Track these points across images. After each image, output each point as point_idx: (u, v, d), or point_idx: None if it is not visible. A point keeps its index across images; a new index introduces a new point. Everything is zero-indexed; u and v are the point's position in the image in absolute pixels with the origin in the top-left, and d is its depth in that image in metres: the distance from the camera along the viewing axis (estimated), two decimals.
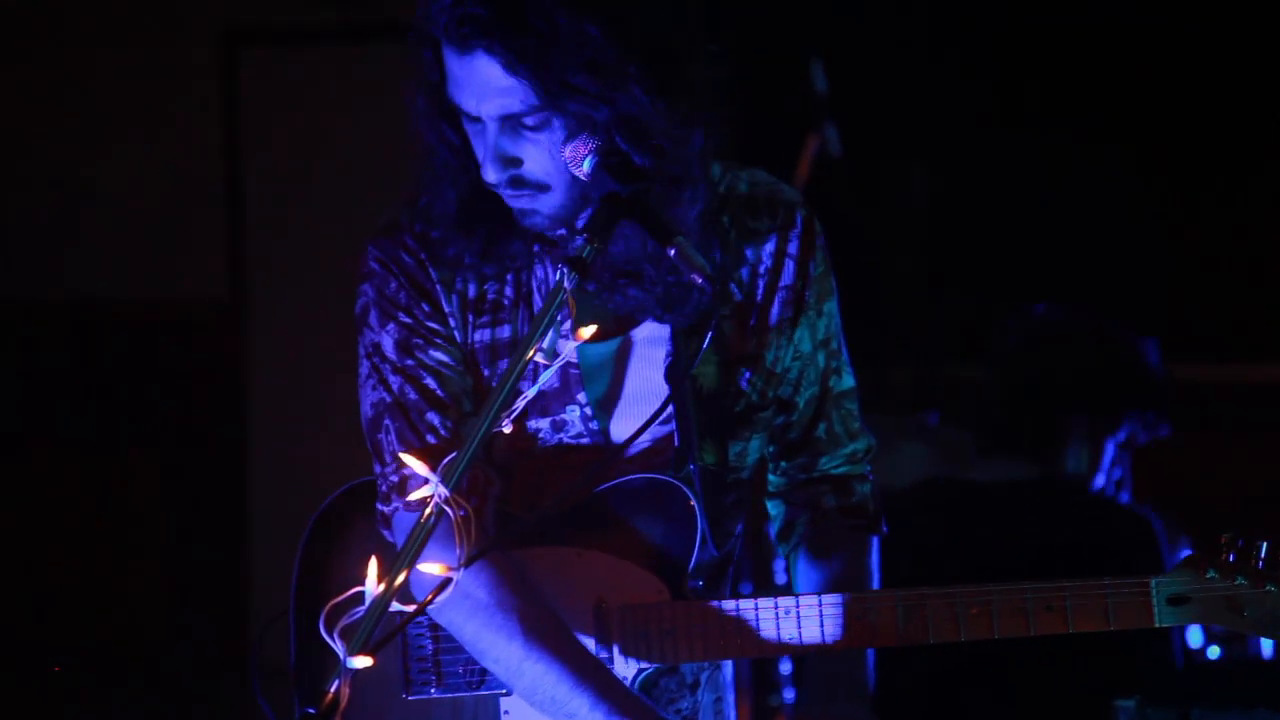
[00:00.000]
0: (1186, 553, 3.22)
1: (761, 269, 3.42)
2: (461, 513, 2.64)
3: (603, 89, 3.09)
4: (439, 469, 2.66)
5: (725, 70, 3.27)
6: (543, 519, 3.30)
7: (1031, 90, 6.90)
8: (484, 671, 3.32)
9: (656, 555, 3.32)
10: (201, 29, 7.48)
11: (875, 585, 3.50)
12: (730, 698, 3.58)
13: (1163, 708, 3.89)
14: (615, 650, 3.29)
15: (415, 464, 2.67)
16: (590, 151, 3.05)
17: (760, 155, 3.47)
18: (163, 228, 7.51)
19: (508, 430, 2.77)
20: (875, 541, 3.55)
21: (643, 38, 3.13)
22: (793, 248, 3.44)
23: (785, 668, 5.51)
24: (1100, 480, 5.03)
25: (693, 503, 3.32)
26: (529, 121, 3.13)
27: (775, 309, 3.44)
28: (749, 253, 3.41)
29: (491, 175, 3.16)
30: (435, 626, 3.35)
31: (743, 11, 3.31)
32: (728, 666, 3.54)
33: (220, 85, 7.49)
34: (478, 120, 3.17)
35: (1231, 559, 3.15)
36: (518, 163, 3.16)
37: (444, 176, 3.28)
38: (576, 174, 3.08)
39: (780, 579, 5.24)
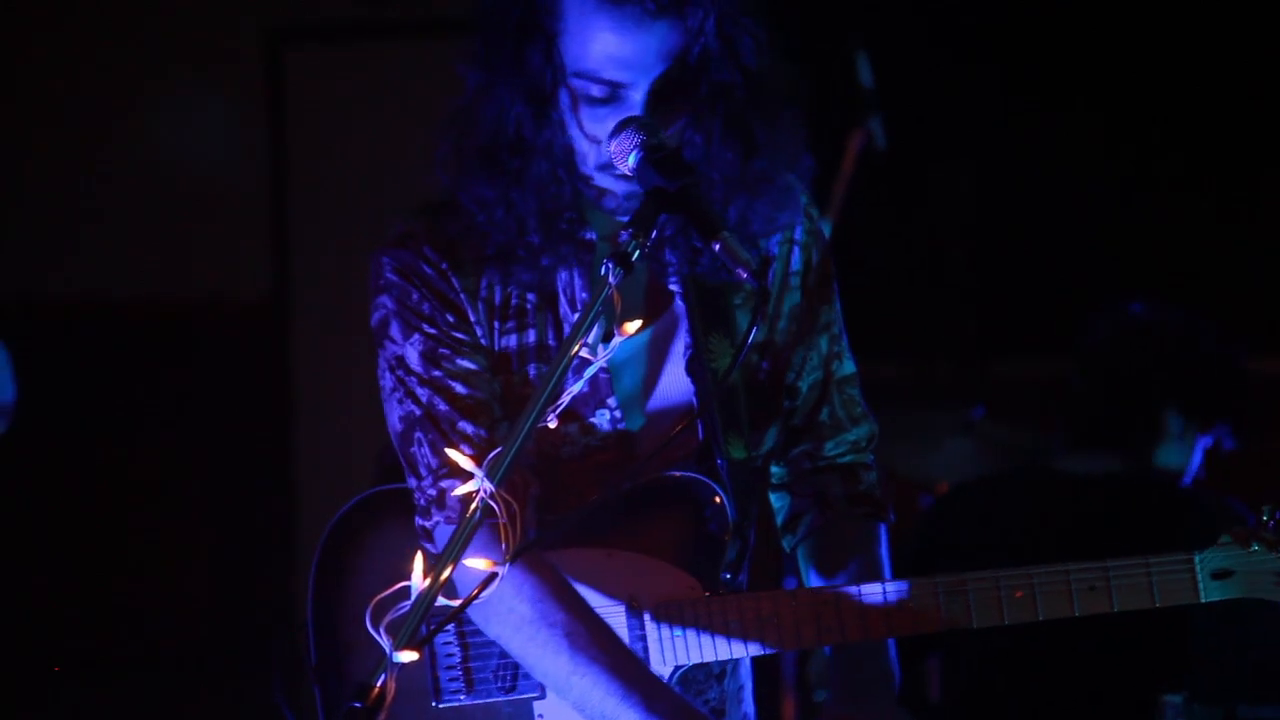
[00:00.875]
0: (1251, 524, 3.20)
1: (771, 257, 3.42)
2: (505, 511, 2.64)
3: (750, 64, 3.18)
4: (484, 465, 2.66)
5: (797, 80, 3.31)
6: (576, 520, 3.29)
7: (1078, 84, 6.88)
8: (516, 675, 3.31)
9: (688, 551, 3.31)
10: (247, 27, 7.51)
11: (887, 574, 3.47)
12: (750, 686, 3.57)
13: (1210, 704, 3.87)
14: (651, 648, 3.28)
15: (460, 459, 2.67)
16: (636, 146, 3.03)
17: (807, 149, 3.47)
18: (207, 225, 7.54)
19: (553, 425, 2.76)
20: (883, 530, 3.53)
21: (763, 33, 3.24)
22: (798, 234, 3.45)
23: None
24: (1187, 481, 5.01)
25: (722, 498, 3.31)
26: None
27: (786, 299, 3.44)
28: (760, 241, 3.41)
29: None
30: (463, 633, 3.33)
31: (787, 4, 3.29)
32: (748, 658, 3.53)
33: (265, 83, 7.52)
34: (612, 100, 3.14)
35: (1272, 530, 3.15)
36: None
37: (550, 173, 3.22)
38: (622, 169, 3.07)
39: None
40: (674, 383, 3.40)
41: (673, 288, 3.36)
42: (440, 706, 3.34)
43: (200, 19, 7.49)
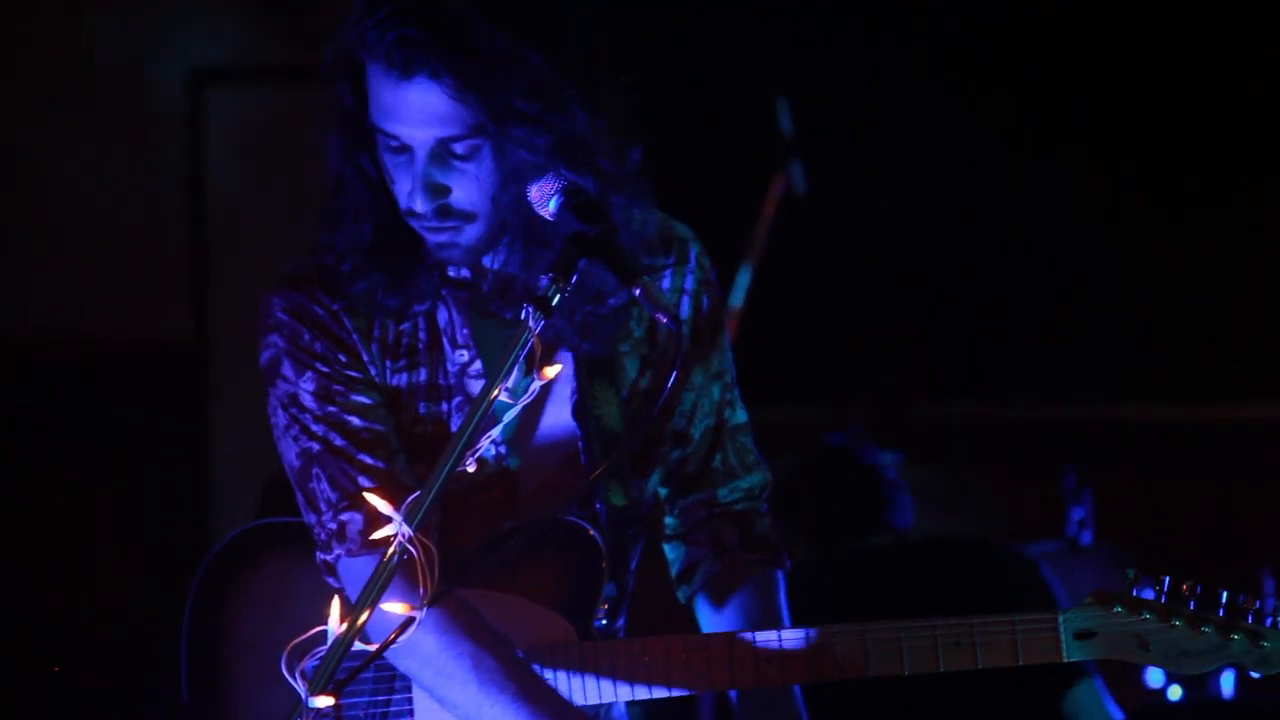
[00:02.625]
0: (1147, 592, 3.23)
1: None
2: (422, 552, 2.63)
3: (543, 111, 3.13)
4: (402, 508, 2.66)
5: (648, 98, 3.30)
6: (454, 561, 3.28)
7: (1002, 128, 6.93)
8: (386, 714, 3.31)
9: (563, 596, 3.32)
10: (169, 66, 7.47)
11: (785, 620, 3.49)
12: None
13: None
14: None
15: (376, 500, 2.66)
16: (556, 191, 3.04)
17: (726, 194, 3.49)
18: (126, 265, 7.48)
19: (471, 469, 2.76)
20: (781, 576, 3.55)
21: (578, 61, 3.17)
22: (688, 283, 3.47)
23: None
24: (1072, 530, 5.09)
25: (599, 543, 3.32)
26: (459, 149, 3.15)
27: (673, 344, 3.46)
28: None
29: (420, 204, 3.17)
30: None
31: (708, 52, 3.31)
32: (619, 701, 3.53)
33: (186, 123, 7.48)
34: (404, 150, 3.18)
35: (1135, 594, 3.19)
36: (446, 191, 3.18)
37: (359, 209, 3.28)
38: (542, 214, 3.07)
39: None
40: (556, 425, 3.42)
41: (562, 333, 3.38)
42: None
43: (121, 57, 7.45)
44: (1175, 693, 4.90)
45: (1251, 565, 5.62)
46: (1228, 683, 4.91)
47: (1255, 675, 3.15)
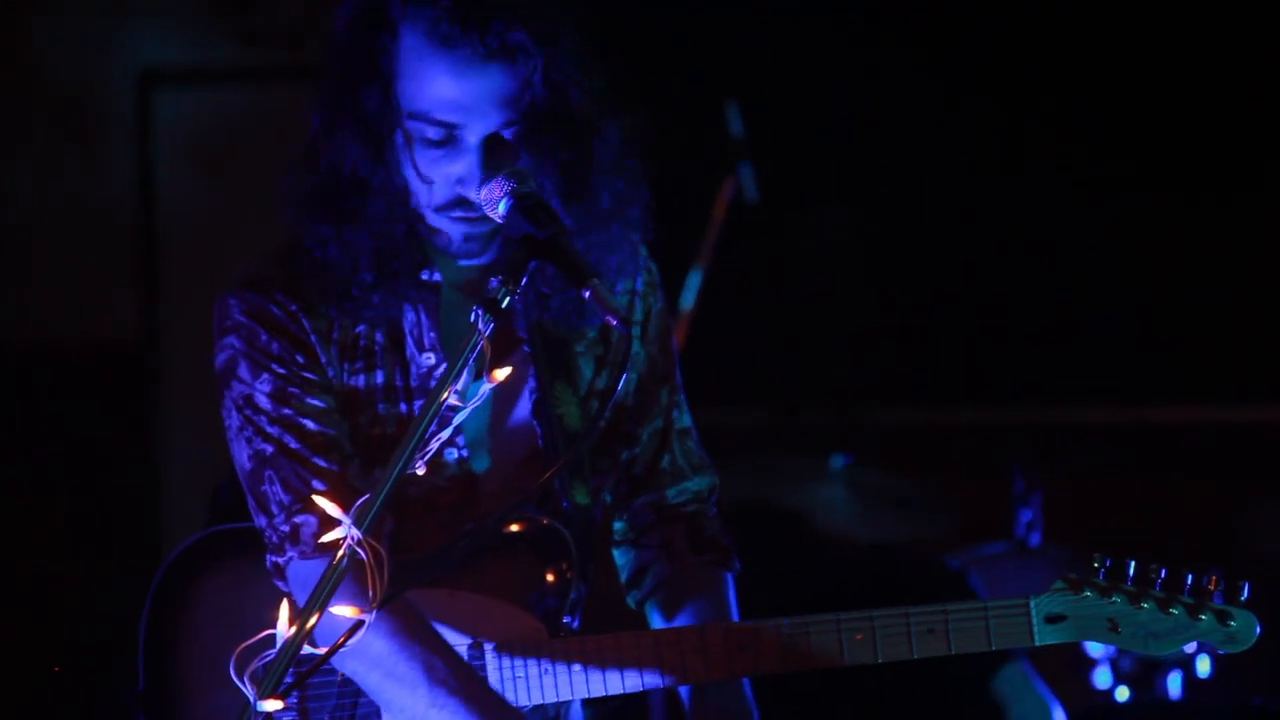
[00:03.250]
0: (1082, 572, 3.27)
1: None
2: (372, 555, 2.63)
3: (584, 110, 3.21)
4: (351, 511, 2.65)
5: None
6: (420, 561, 3.29)
7: (949, 131, 6.95)
8: (352, 717, 3.31)
9: (532, 594, 3.33)
10: (118, 67, 7.43)
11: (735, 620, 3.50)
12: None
13: None
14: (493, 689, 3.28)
15: (328, 506, 2.66)
16: (506, 194, 3.05)
17: (676, 198, 3.50)
18: (76, 267, 7.45)
19: (421, 472, 2.76)
20: (730, 578, 3.56)
21: (605, 68, 3.27)
22: (638, 284, 3.50)
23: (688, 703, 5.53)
24: (1020, 531, 5.13)
25: (569, 541, 3.33)
26: (508, 136, 3.18)
27: (624, 345, 3.48)
28: None
29: (474, 192, 3.16)
30: (301, 674, 3.32)
31: (658, 54, 3.32)
32: (576, 701, 3.54)
33: (134, 124, 7.45)
34: (446, 142, 3.17)
35: (1102, 578, 3.21)
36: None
37: (387, 212, 3.24)
38: (492, 215, 3.08)
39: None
40: (519, 427, 3.42)
41: (520, 334, 3.39)
42: None
43: (69, 57, 7.41)
44: (1123, 694, 4.93)
45: (1198, 566, 5.65)
46: (1175, 684, 4.94)
47: (1222, 652, 3.20)
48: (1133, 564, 3.23)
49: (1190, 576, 3.22)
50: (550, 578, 3.35)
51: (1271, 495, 6.07)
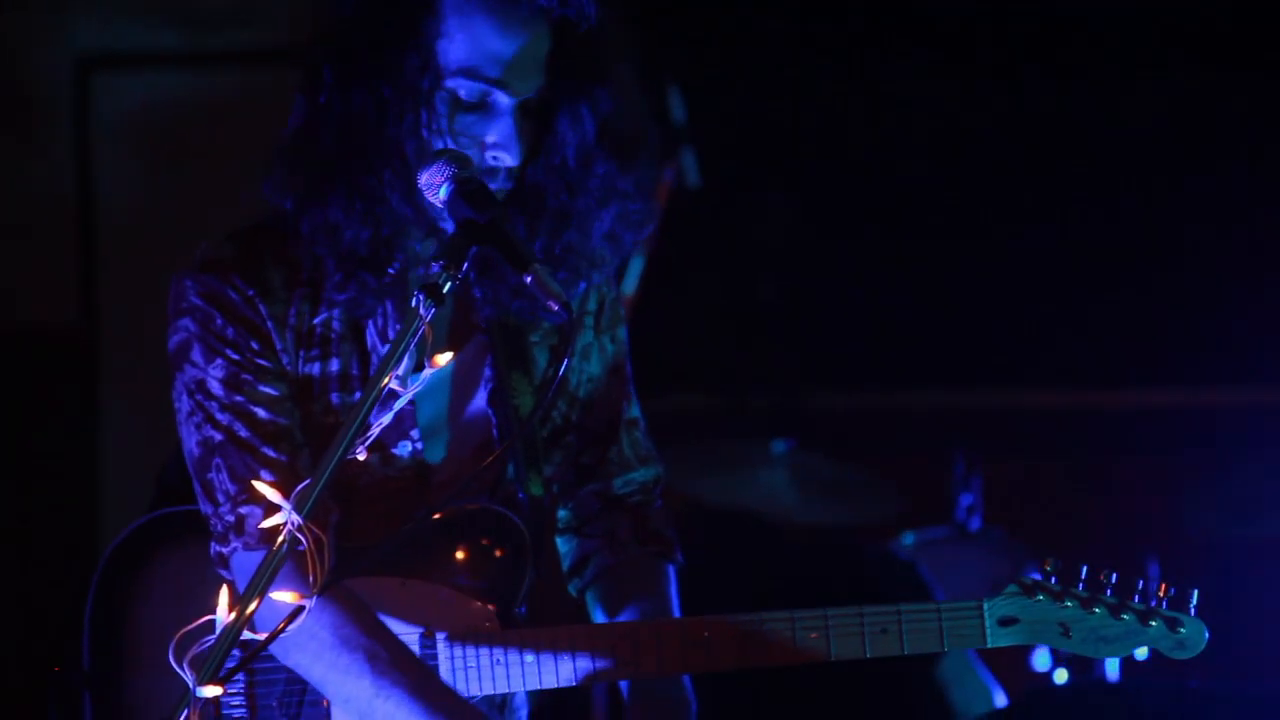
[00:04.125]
0: (1034, 575, 3.29)
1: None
2: (313, 542, 2.62)
3: (600, 88, 3.23)
4: (291, 497, 2.64)
5: None
6: (372, 549, 3.28)
7: (894, 117, 6.97)
8: (301, 704, 3.30)
9: (485, 583, 3.32)
10: (56, 51, 7.39)
11: (676, 614, 3.51)
12: (525, 715, 3.58)
13: None
14: (444, 679, 3.28)
15: (268, 492, 2.65)
16: (447, 179, 3.04)
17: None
18: (13, 253, 7.40)
19: (362, 458, 2.76)
20: (673, 570, 3.57)
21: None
22: (594, 275, 3.48)
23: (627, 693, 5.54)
24: (961, 515, 5.16)
25: (523, 531, 3.33)
26: (536, 102, 3.19)
27: (579, 337, 3.48)
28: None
29: (514, 157, 3.16)
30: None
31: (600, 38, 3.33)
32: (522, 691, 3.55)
33: (72, 109, 7.40)
34: (480, 107, 3.16)
35: (1055, 582, 3.26)
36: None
37: (409, 184, 3.17)
38: (433, 200, 3.07)
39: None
40: (475, 416, 3.42)
41: (478, 322, 3.38)
42: None
43: (6, 41, 7.36)
44: (1061, 676, 4.96)
45: (1137, 547, 5.70)
46: (1113, 667, 4.97)
47: (1172, 657, 3.23)
48: (1085, 569, 3.26)
49: (1141, 583, 3.26)
50: (503, 568, 3.34)
51: (1205, 475, 6.11)
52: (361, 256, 3.24)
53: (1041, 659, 5.09)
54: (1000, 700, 5.26)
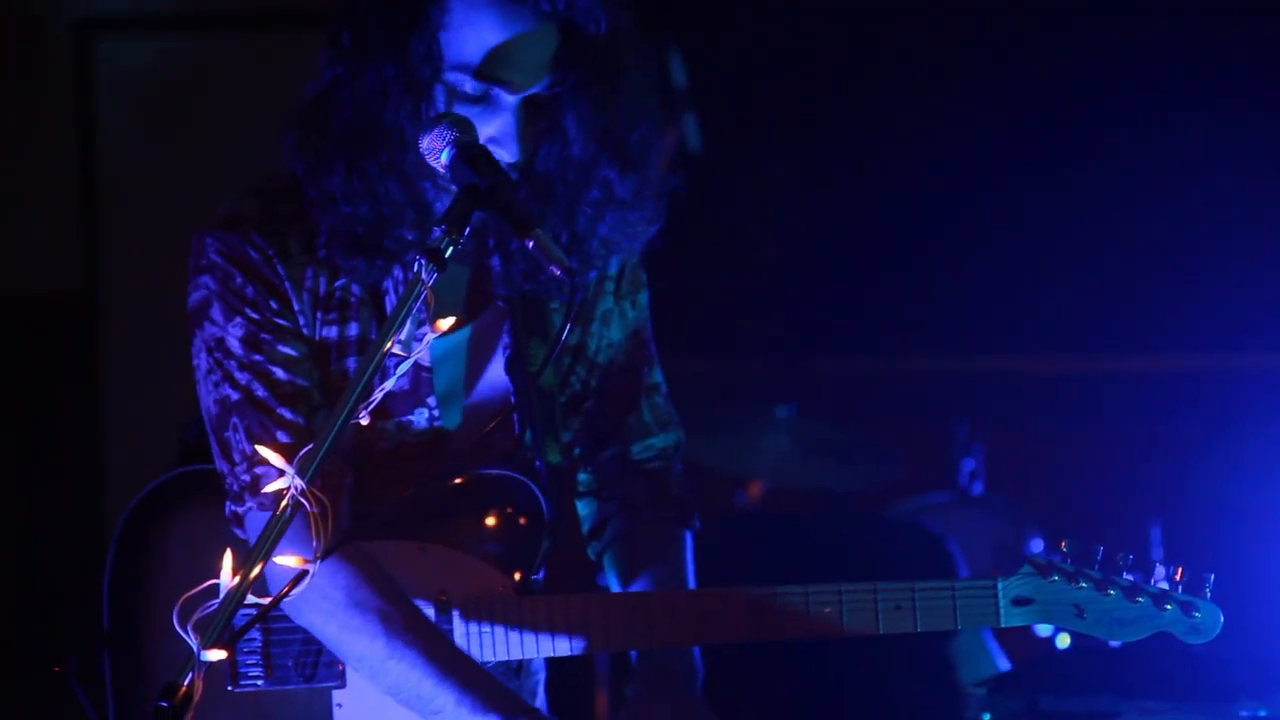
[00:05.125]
0: (1036, 542, 3.30)
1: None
2: (317, 506, 2.62)
3: (615, 82, 3.22)
4: (295, 461, 2.64)
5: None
6: (390, 513, 3.29)
7: (894, 83, 6.96)
8: (317, 664, 3.31)
9: (501, 550, 3.33)
10: (57, 17, 7.38)
11: (691, 581, 3.52)
12: (543, 679, 3.61)
13: (1012, 696, 3.95)
14: (458, 644, 3.29)
15: (272, 457, 2.65)
16: (449, 143, 3.03)
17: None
18: (14, 217, 7.40)
19: (364, 422, 2.76)
20: (689, 537, 3.58)
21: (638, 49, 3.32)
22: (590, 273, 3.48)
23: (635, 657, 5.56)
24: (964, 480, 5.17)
25: (540, 499, 3.33)
26: (545, 100, 3.17)
27: (600, 303, 3.48)
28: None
29: (512, 154, 3.15)
30: (267, 618, 3.30)
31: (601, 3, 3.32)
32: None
33: (74, 73, 7.39)
34: (481, 100, 3.14)
35: (1070, 563, 3.25)
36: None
37: (415, 169, 3.19)
38: (434, 165, 3.07)
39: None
40: (493, 383, 3.42)
41: (497, 290, 3.38)
42: (235, 691, 3.34)
43: (6, 5, 7.34)
44: (1064, 640, 4.96)
45: (1139, 514, 5.70)
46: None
47: (1186, 642, 3.23)
48: (1101, 550, 3.25)
49: (1157, 566, 3.25)
50: (519, 535, 3.35)
51: (1206, 442, 6.11)
52: (357, 233, 3.24)
53: (1044, 624, 5.09)
54: (1003, 665, 5.26)
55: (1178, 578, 3.24)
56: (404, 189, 3.21)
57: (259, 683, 3.34)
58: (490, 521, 3.34)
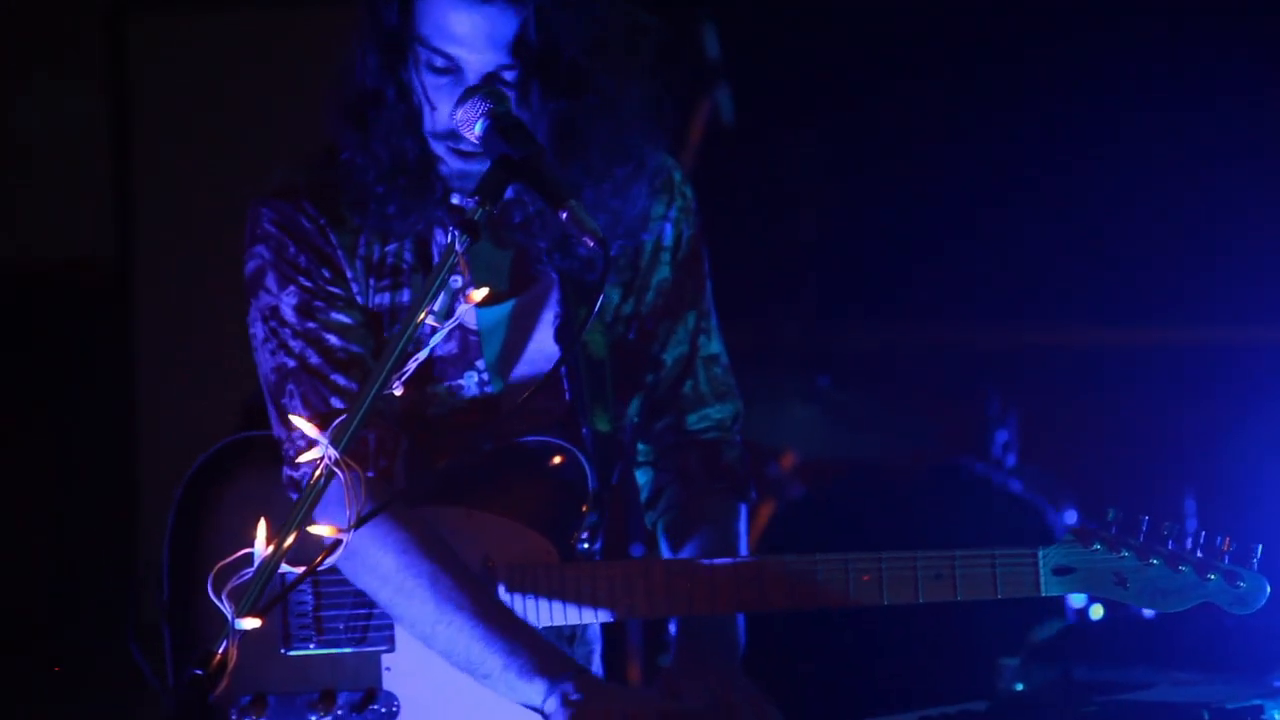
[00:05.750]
0: (1070, 514, 3.28)
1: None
2: (352, 475, 2.63)
3: (593, 64, 3.21)
4: (328, 431, 2.65)
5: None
6: (435, 479, 3.31)
7: (933, 52, 6.94)
8: (367, 628, 3.34)
9: (546, 517, 3.34)
10: None
11: (744, 550, 3.52)
12: (599, 649, 3.61)
13: (1046, 666, 3.96)
14: None
15: (306, 427, 2.66)
16: (482, 114, 3.04)
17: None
18: (48, 186, 7.42)
19: (398, 393, 2.76)
20: (744, 508, 3.58)
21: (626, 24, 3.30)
22: (672, 210, 3.51)
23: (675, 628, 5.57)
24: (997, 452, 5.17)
25: (585, 466, 3.34)
26: (509, 78, 3.17)
27: (653, 270, 3.49)
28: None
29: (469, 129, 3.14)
30: (317, 583, 3.36)
31: None
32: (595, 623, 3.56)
33: (107, 50, 7.41)
34: (449, 71, 3.17)
35: (1115, 533, 3.21)
36: None
37: (402, 126, 3.25)
38: (468, 136, 3.08)
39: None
40: (541, 352, 3.44)
41: (544, 260, 3.39)
42: (288, 654, 3.37)
43: None
44: (1097, 612, 4.96)
45: (1174, 486, 5.69)
46: None
47: (1231, 613, 3.20)
48: (1146, 520, 3.22)
49: (1204, 534, 3.21)
50: (564, 502, 3.36)
51: (1240, 414, 6.10)
52: (378, 194, 3.28)
53: (1077, 595, 5.09)
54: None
55: (1225, 548, 3.20)
56: (381, 147, 3.27)
57: (310, 645, 3.37)
58: (536, 488, 3.36)
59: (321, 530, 2.64)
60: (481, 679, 3.21)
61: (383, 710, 3.33)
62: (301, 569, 2.65)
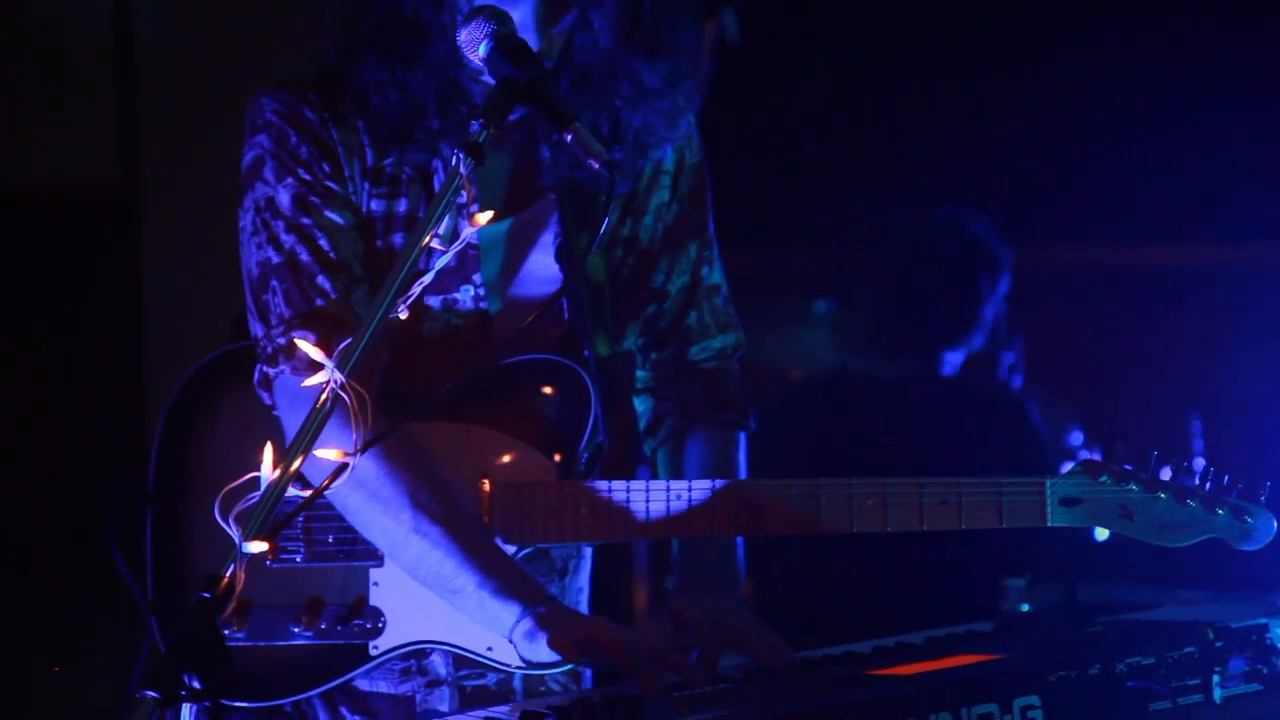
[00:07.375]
0: (1076, 435, 3.28)
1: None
2: (356, 398, 2.62)
3: None
4: (334, 355, 2.64)
5: None
6: (437, 395, 3.29)
7: None
8: (354, 541, 3.31)
9: (547, 435, 3.33)
10: None
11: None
12: (588, 589, 3.60)
13: (1050, 587, 3.96)
14: (497, 527, 3.29)
15: (312, 351, 2.64)
16: (487, 35, 3.02)
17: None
18: (51, 110, 7.40)
19: (404, 316, 2.75)
20: (743, 437, 3.57)
21: None
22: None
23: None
24: (1004, 373, 5.14)
25: (589, 387, 3.33)
26: None
27: (654, 196, 3.47)
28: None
29: (531, 42, 3.13)
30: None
31: None
32: (588, 556, 3.55)
33: None
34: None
35: (1125, 466, 3.22)
36: None
37: (444, 56, 3.23)
38: (472, 57, 3.06)
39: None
40: (538, 271, 3.42)
41: (543, 181, 3.38)
42: (274, 567, 3.35)
43: None
44: (1102, 533, 4.96)
45: (1180, 406, 5.69)
46: None
47: (1239, 548, 3.20)
48: (1155, 454, 3.22)
49: (1212, 469, 3.21)
50: (565, 421, 3.35)
51: (1246, 333, 6.09)
52: (392, 123, 3.26)
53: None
54: None
55: (1232, 484, 3.20)
56: (430, 79, 3.23)
57: (297, 558, 3.35)
58: (535, 404, 3.34)
59: (328, 453, 2.63)
60: (449, 595, 3.19)
61: (368, 625, 3.31)
62: (307, 492, 2.65)
